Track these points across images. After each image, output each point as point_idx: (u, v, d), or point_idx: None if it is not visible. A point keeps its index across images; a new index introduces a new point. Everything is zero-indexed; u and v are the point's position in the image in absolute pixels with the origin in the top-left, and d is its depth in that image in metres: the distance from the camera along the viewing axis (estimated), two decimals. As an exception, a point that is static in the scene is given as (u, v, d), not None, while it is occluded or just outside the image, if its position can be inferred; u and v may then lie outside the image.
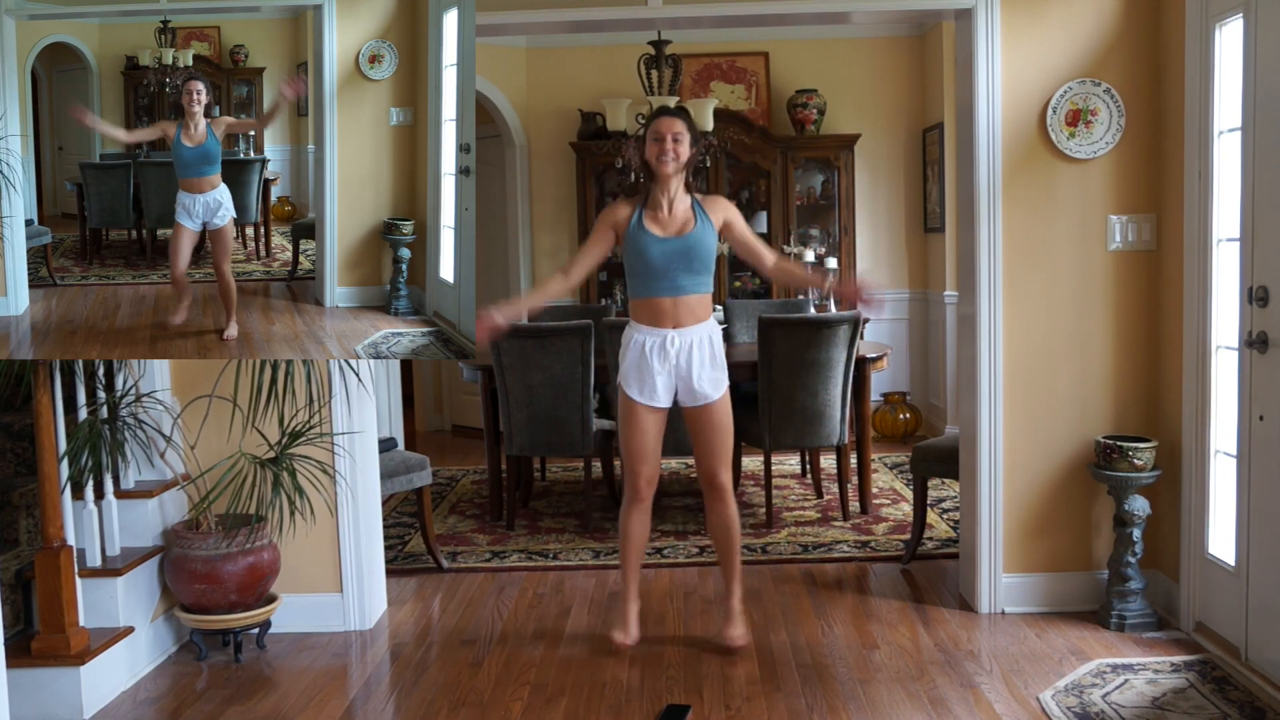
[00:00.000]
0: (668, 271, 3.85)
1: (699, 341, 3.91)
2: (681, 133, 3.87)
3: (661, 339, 3.89)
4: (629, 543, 4.10)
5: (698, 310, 3.92)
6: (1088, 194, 4.24)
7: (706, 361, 3.92)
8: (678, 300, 3.88)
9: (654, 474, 4.02)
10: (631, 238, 3.88)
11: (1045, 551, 4.36)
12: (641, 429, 3.96)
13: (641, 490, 4.01)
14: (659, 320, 3.90)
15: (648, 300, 3.91)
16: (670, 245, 3.85)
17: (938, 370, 7.90)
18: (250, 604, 4.08)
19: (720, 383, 3.97)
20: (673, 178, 3.89)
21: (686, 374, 3.91)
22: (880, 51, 8.08)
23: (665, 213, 3.90)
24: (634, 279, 3.93)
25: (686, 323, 3.90)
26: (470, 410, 8.57)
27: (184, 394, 4.28)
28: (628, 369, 3.94)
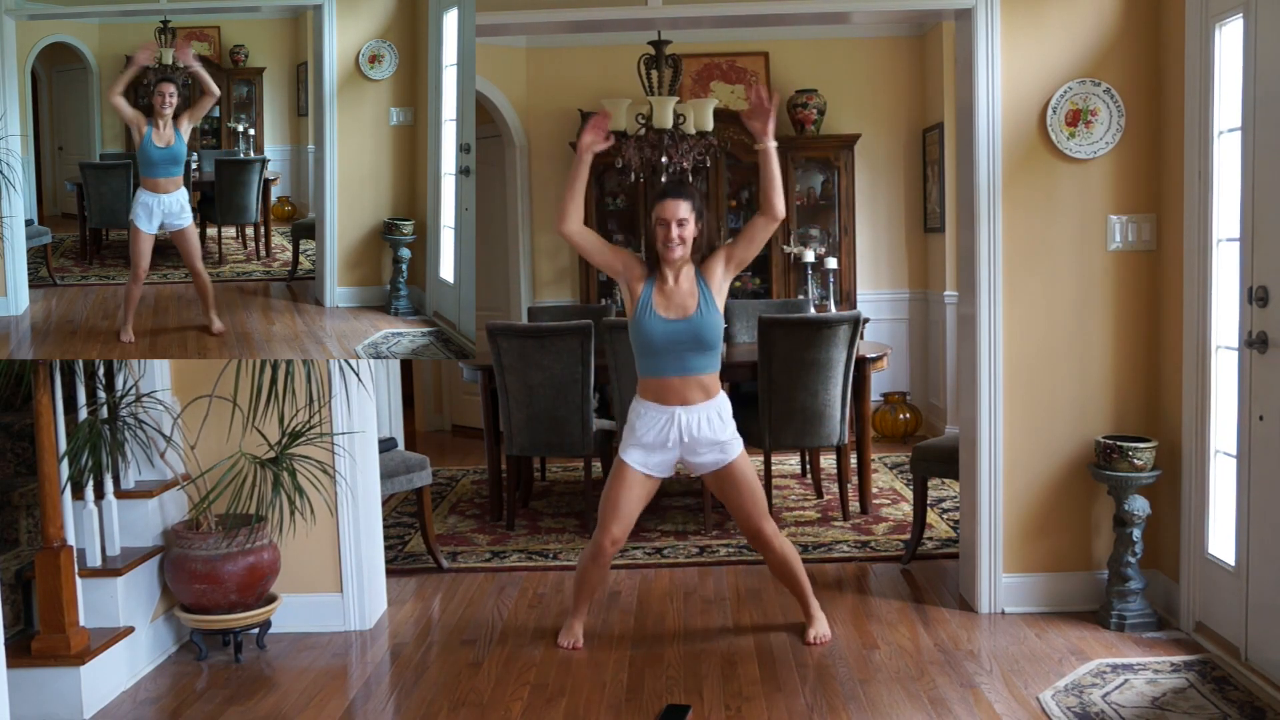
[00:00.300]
0: (675, 353, 3.85)
1: (704, 419, 3.90)
2: (686, 217, 3.84)
3: (668, 416, 3.89)
4: (583, 588, 4.15)
5: (707, 387, 3.92)
6: (1088, 194, 4.25)
7: (715, 435, 3.91)
8: (685, 379, 3.88)
9: (622, 536, 4.01)
10: (638, 319, 3.87)
11: (1045, 551, 4.36)
12: (627, 491, 3.96)
13: (605, 548, 4.01)
14: (666, 398, 3.90)
15: (655, 380, 3.91)
16: (676, 328, 3.84)
17: (938, 370, 7.90)
18: (250, 604, 4.09)
19: (732, 447, 3.96)
20: (679, 260, 3.88)
21: (693, 450, 3.93)
22: (880, 51, 8.08)
23: (671, 284, 3.88)
24: (640, 357, 3.94)
25: (695, 400, 3.90)
26: (470, 410, 8.58)
27: (184, 394, 4.28)
28: (630, 441, 3.95)
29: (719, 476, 4.00)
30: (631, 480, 3.96)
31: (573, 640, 4.14)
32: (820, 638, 4.11)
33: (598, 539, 4.00)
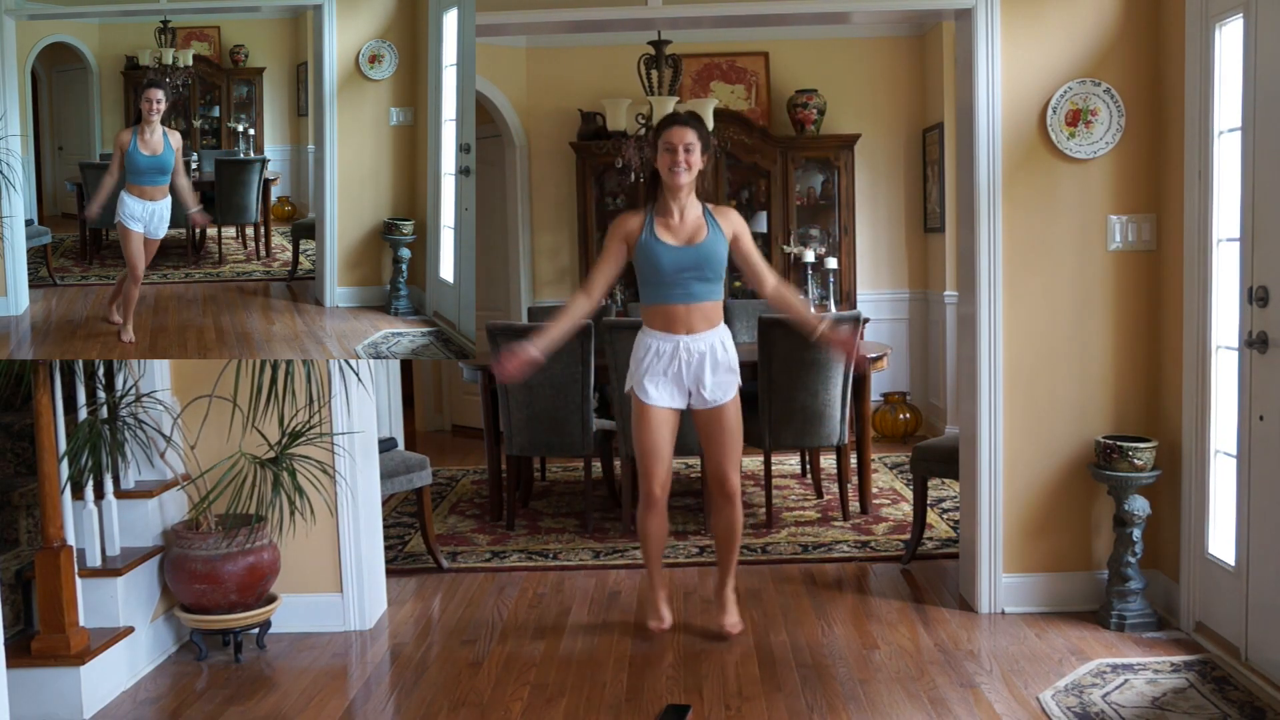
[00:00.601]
0: (681, 279, 3.88)
1: (712, 346, 3.95)
2: (693, 143, 3.87)
3: (675, 344, 3.93)
4: (650, 543, 4.17)
5: (711, 316, 3.96)
6: (1088, 194, 4.24)
7: (719, 365, 3.96)
8: (691, 307, 3.91)
9: (668, 476, 4.06)
10: (644, 247, 3.89)
11: (1045, 551, 4.36)
12: (655, 430, 3.98)
13: (655, 494, 4.04)
14: (672, 326, 3.93)
15: (661, 307, 3.93)
16: (683, 254, 3.87)
17: (938, 370, 7.90)
18: (250, 604, 4.08)
19: (731, 386, 4.00)
20: (685, 187, 3.89)
21: (699, 378, 3.95)
22: (880, 51, 8.08)
23: (677, 220, 3.91)
24: (646, 286, 3.95)
25: (699, 328, 3.93)
26: (470, 410, 8.57)
27: (184, 394, 4.28)
28: (641, 373, 3.98)
29: (709, 416, 4.01)
30: (657, 419, 3.98)
31: (660, 621, 4.16)
32: (731, 626, 4.14)
33: (646, 488, 4.03)
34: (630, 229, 3.95)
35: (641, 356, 3.98)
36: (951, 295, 7.37)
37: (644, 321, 4.02)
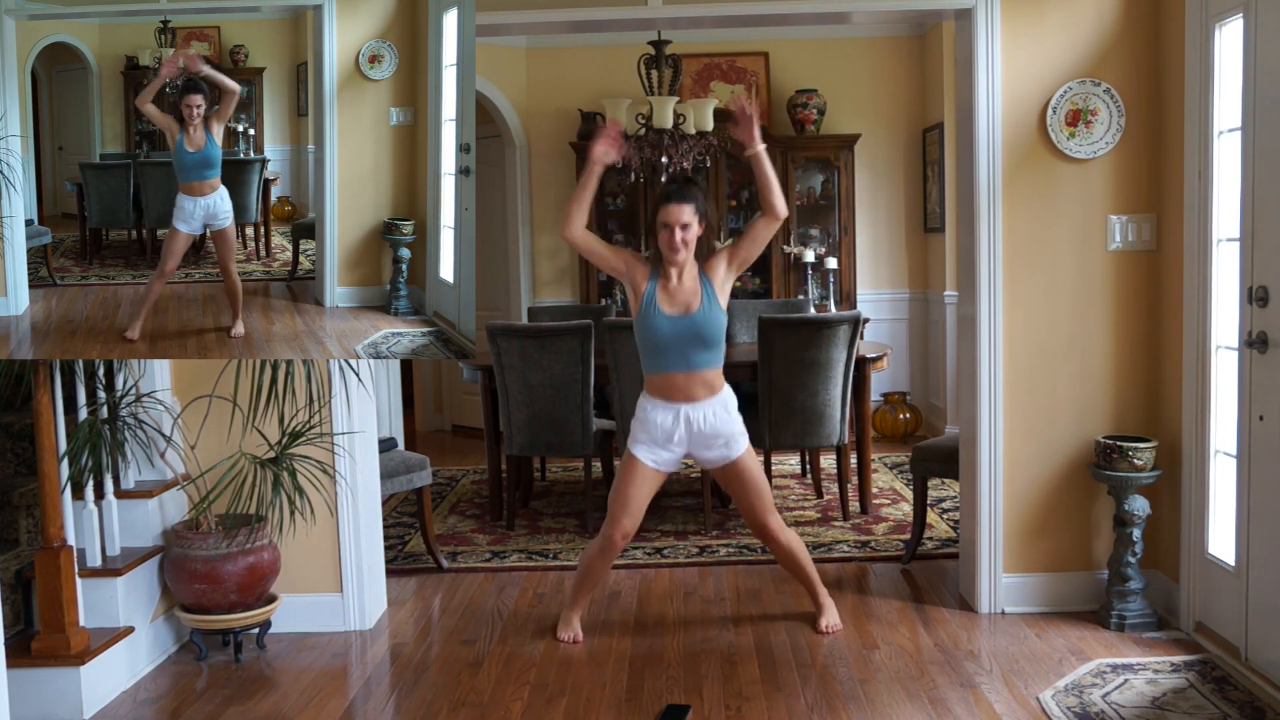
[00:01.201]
0: (679, 349, 3.88)
1: (710, 413, 3.93)
2: (689, 221, 3.84)
3: (675, 413, 3.93)
4: (587, 578, 4.18)
5: (712, 383, 3.95)
6: (1088, 194, 4.24)
7: (719, 434, 3.95)
8: (690, 375, 3.91)
9: (632, 529, 4.05)
10: (643, 316, 3.90)
11: (1045, 551, 4.36)
12: (637, 485, 4.00)
13: (616, 541, 4.05)
14: (671, 395, 3.93)
15: (660, 376, 3.94)
16: (680, 324, 3.87)
17: (938, 370, 7.90)
18: (250, 604, 4.08)
19: (736, 444, 3.99)
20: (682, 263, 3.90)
21: (701, 445, 3.97)
22: (880, 51, 8.08)
23: (675, 282, 3.91)
24: (646, 355, 3.97)
25: (699, 397, 3.93)
26: (470, 410, 8.57)
27: (184, 394, 4.28)
28: (638, 435, 3.99)
29: (725, 472, 4.04)
30: (641, 475, 3.99)
31: (572, 634, 4.16)
32: (831, 626, 4.18)
33: (608, 533, 4.03)
34: (636, 273, 3.94)
35: (641, 418, 3.99)
36: (951, 295, 7.37)
37: (645, 387, 4.02)
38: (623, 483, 4.02)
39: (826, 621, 4.20)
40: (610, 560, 4.12)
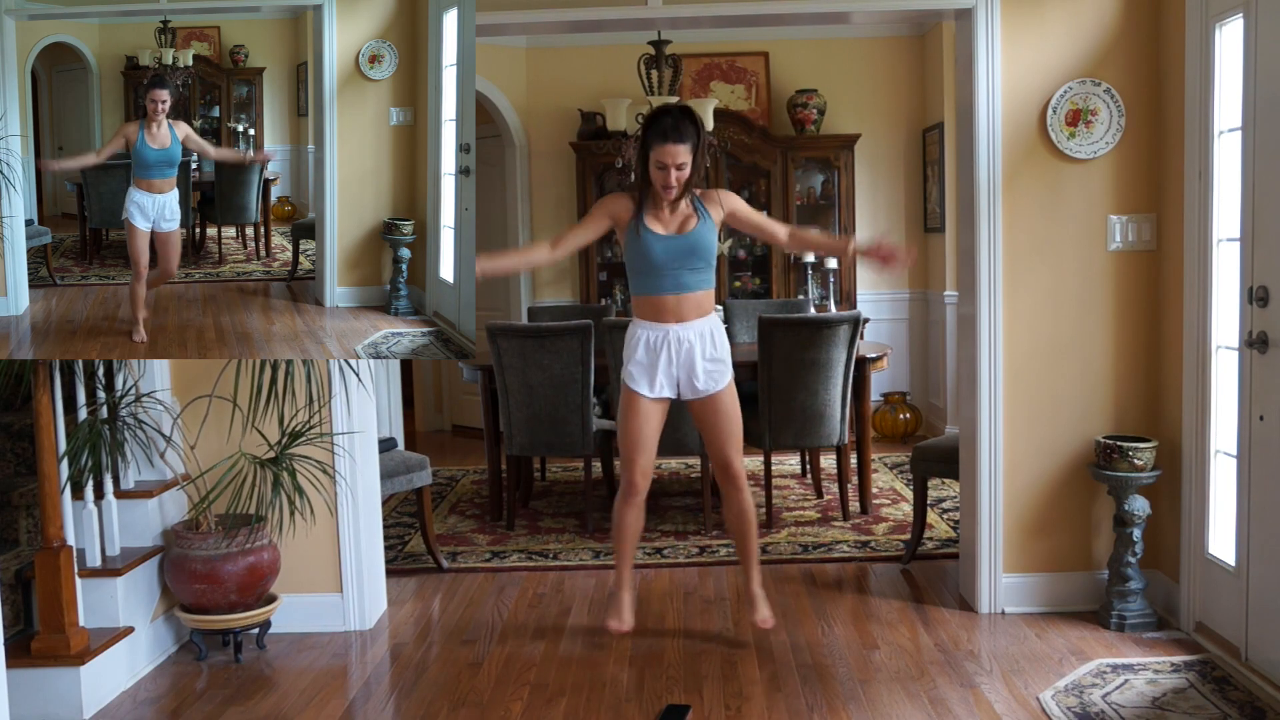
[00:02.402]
0: (671, 269, 3.86)
1: (702, 335, 3.92)
2: (685, 161, 3.79)
3: (665, 333, 3.90)
4: (624, 535, 4.11)
5: (702, 304, 3.93)
6: (1088, 194, 4.24)
7: (710, 354, 3.93)
8: (681, 297, 3.89)
9: (649, 466, 4.02)
10: (634, 237, 3.87)
11: (1045, 551, 4.36)
12: (642, 419, 3.96)
13: (637, 482, 4.00)
14: (662, 316, 3.91)
15: (651, 298, 3.92)
16: (673, 243, 3.85)
17: (938, 370, 7.90)
18: (250, 604, 4.08)
19: (723, 374, 3.97)
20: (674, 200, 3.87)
21: (689, 366, 3.92)
22: (880, 51, 8.08)
23: (667, 212, 3.89)
24: (636, 276, 3.93)
25: (690, 317, 3.91)
26: (470, 410, 8.57)
27: (184, 394, 4.28)
28: (632, 364, 3.96)
29: (705, 403, 3.98)
30: (645, 409, 3.96)
31: (620, 623, 4.08)
32: (763, 621, 4.09)
33: (628, 477, 3.99)
34: (620, 212, 3.91)
35: (632, 346, 3.96)
36: (951, 295, 7.37)
37: (634, 311, 3.99)
38: (628, 421, 3.97)
39: (759, 615, 4.09)
40: (639, 507, 4.05)
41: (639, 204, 3.90)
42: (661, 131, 3.75)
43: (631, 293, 3.99)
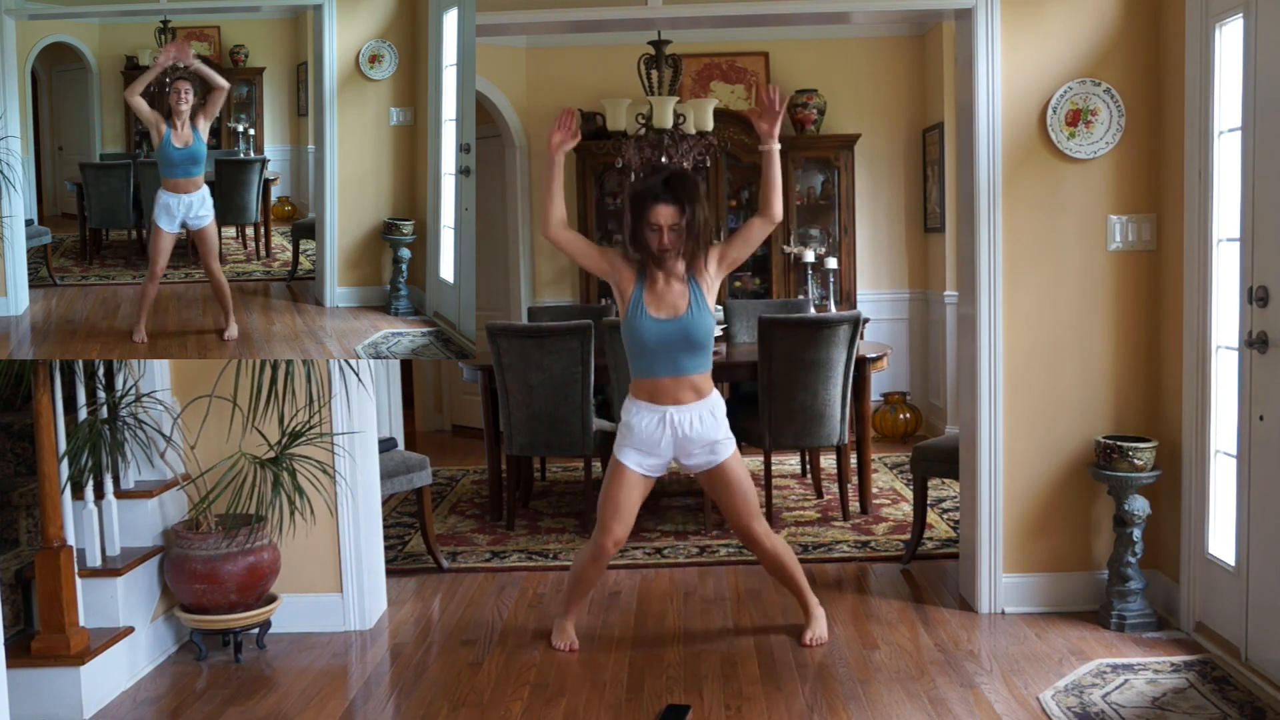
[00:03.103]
0: (666, 353, 3.82)
1: (701, 417, 3.88)
2: (677, 222, 3.74)
3: (661, 415, 3.86)
4: (579, 586, 4.12)
5: (699, 387, 3.88)
6: (1088, 194, 4.24)
7: (704, 437, 3.89)
8: (678, 380, 3.85)
9: (623, 537, 3.99)
10: (630, 319, 3.83)
11: (1045, 551, 4.36)
12: (625, 491, 3.94)
13: (607, 549, 3.98)
14: (659, 398, 3.87)
15: (647, 380, 3.88)
16: (667, 328, 3.80)
17: (938, 370, 7.90)
18: (250, 604, 4.08)
19: (724, 446, 3.94)
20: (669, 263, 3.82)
21: (686, 448, 3.91)
22: (880, 51, 8.08)
23: (662, 284, 3.83)
24: (633, 359, 3.91)
25: (687, 400, 3.87)
26: (470, 410, 8.57)
27: (184, 394, 4.28)
28: (626, 441, 3.93)
29: (710, 476, 3.99)
30: (630, 481, 3.94)
31: (568, 642, 4.11)
32: (816, 639, 4.09)
33: (599, 541, 3.98)
34: (623, 282, 3.85)
35: (627, 422, 3.93)
36: (951, 295, 7.37)
37: (631, 391, 3.95)
38: (611, 489, 3.96)
39: (811, 634, 4.09)
40: (602, 568, 4.06)
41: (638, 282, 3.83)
42: (652, 193, 3.75)
43: (630, 372, 3.95)
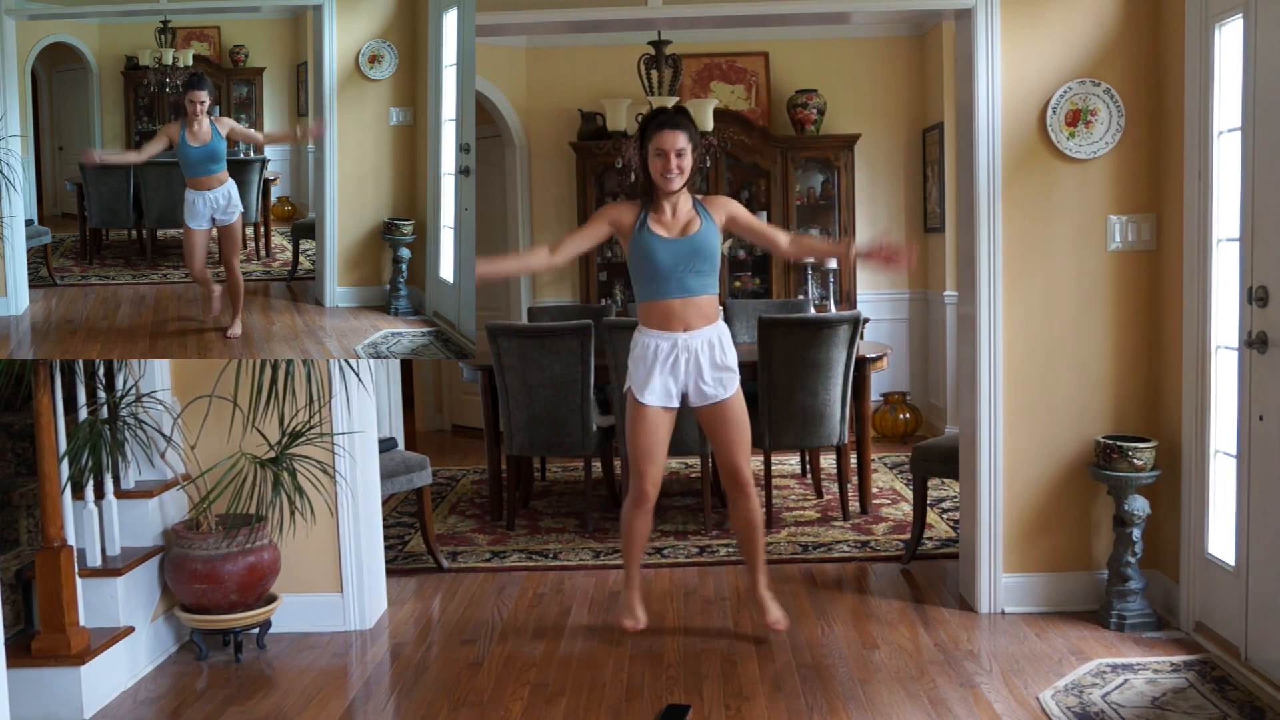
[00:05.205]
0: (675, 273, 3.86)
1: (708, 343, 3.92)
2: (684, 147, 3.85)
3: (672, 342, 3.90)
4: (632, 541, 4.15)
5: (707, 311, 3.93)
6: (1088, 194, 4.25)
7: (717, 363, 3.93)
8: (687, 302, 3.89)
9: (659, 475, 4.03)
10: (637, 241, 3.88)
11: (1045, 551, 4.36)
12: (651, 430, 3.97)
13: (647, 492, 4.02)
14: (669, 323, 3.90)
15: (657, 303, 3.91)
16: (677, 246, 3.86)
17: (938, 370, 7.90)
18: (250, 604, 4.09)
19: (731, 381, 3.97)
20: (677, 191, 3.89)
21: (696, 375, 3.93)
22: (880, 51, 8.08)
23: (669, 215, 3.91)
24: (641, 282, 3.93)
25: (696, 324, 3.91)
26: (470, 410, 8.57)
27: (184, 394, 4.28)
28: (638, 373, 3.95)
29: (713, 411, 3.99)
30: (653, 419, 3.96)
31: (635, 621, 4.11)
32: (776, 623, 4.09)
33: (637, 487, 4.01)
34: (622, 218, 3.93)
35: (638, 355, 3.96)
36: (951, 295, 7.37)
37: (640, 320, 3.99)
38: (637, 432, 3.97)
39: (770, 618, 4.10)
40: (648, 514, 4.08)
41: (642, 209, 3.92)
42: (658, 122, 3.88)
43: (637, 299, 3.99)
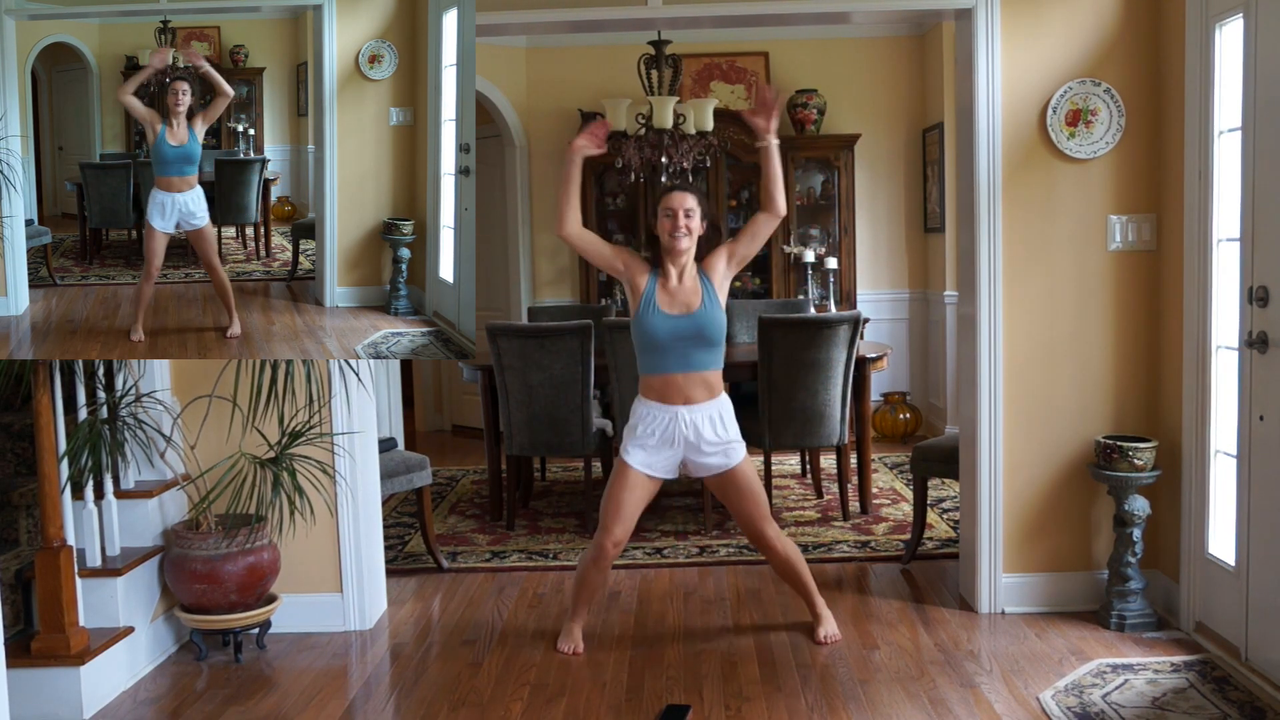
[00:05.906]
0: (679, 349, 3.83)
1: (711, 418, 3.88)
2: (693, 208, 3.84)
3: (672, 415, 3.87)
4: (583, 590, 4.10)
5: (710, 385, 3.89)
6: (1088, 194, 4.25)
7: (716, 435, 3.89)
8: (689, 376, 3.86)
9: (624, 538, 3.98)
10: (642, 315, 3.85)
11: (1045, 551, 4.36)
12: (627, 489, 3.93)
13: (608, 550, 3.97)
14: (669, 396, 3.87)
15: (658, 376, 3.88)
16: (680, 323, 3.83)
17: (938, 370, 7.90)
18: (250, 604, 4.09)
19: (734, 451, 3.94)
20: (685, 252, 3.87)
21: (696, 450, 3.90)
22: (880, 51, 8.08)
23: (675, 281, 3.88)
24: (644, 355, 3.91)
25: (698, 399, 3.87)
26: (470, 410, 8.58)
27: (184, 394, 4.28)
28: (632, 442, 3.92)
29: (722, 480, 3.98)
30: (634, 482, 3.93)
31: (573, 645, 4.09)
32: (830, 636, 4.10)
33: (599, 541, 3.97)
34: (636, 276, 3.90)
35: (633, 423, 3.93)
36: (951, 295, 7.37)
37: (640, 390, 3.95)
38: (615, 490, 3.94)
39: (824, 631, 4.11)
40: (605, 569, 4.05)
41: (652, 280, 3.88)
42: (667, 186, 3.94)
43: (639, 371, 3.95)
